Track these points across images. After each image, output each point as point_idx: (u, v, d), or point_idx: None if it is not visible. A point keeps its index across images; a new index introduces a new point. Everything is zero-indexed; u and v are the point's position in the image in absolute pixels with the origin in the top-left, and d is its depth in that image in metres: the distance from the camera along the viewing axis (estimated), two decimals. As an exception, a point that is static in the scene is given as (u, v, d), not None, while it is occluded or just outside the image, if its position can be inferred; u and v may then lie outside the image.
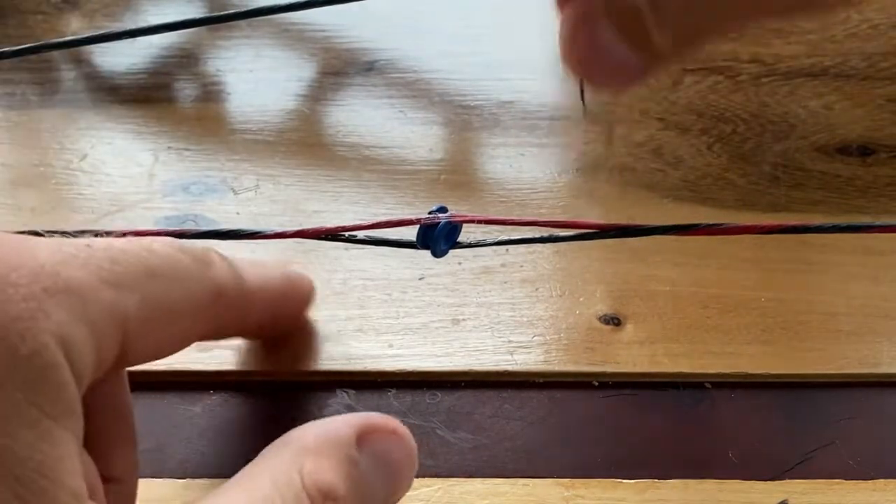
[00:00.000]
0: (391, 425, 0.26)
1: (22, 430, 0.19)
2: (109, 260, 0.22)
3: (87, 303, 0.21)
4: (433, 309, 0.36)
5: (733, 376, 0.35)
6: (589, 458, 0.33)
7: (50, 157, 0.42)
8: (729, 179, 0.42)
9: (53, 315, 0.20)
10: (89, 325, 0.21)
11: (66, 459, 0.20)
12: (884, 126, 0.44)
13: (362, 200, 0.41)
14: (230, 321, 0.29)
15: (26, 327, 0.19)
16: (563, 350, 0.35)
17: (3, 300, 0.19)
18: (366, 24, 0.49)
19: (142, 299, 0.23)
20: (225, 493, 0.23)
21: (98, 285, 0.22)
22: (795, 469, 0.33)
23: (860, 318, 0.37)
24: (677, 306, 0.37)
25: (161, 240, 0.25)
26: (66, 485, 0.20)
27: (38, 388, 0.19)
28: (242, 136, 0.44)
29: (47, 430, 0.20)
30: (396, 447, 0.26)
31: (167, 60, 0.47)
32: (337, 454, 0.24)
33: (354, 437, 0.25)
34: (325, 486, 0.23)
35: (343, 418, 0.26)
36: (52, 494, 0.19)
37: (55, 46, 0.38)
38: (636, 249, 0.39)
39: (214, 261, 0.27)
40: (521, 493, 0.32)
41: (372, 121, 0.44)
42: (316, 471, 0.23)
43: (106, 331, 0.22)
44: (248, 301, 0.28)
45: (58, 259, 0.21)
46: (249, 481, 0.23)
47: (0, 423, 0.19)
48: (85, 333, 0.21)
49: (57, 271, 0.21)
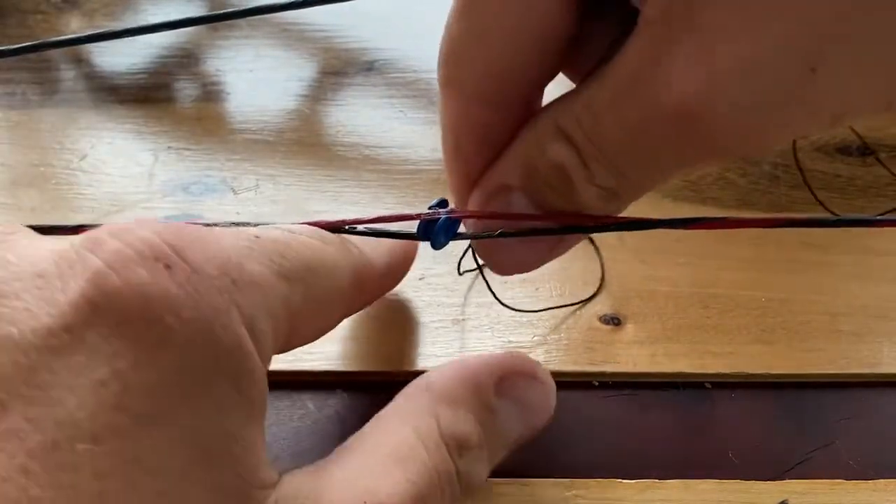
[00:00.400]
0: (530, 369, 0.28)
1: (233, 417, 0.20)
2: (279, 254, 0.23)
3: (267, 296, 0.21)
4: (433, 309, 0.36)
5: (733, 376, 0.35)
6: (589, 458, 0.33)
7: (50, 156, 0.42)
8: (729, 179, 0.42)
9: (245, 307, 0.21)
10: (272, 317, 0.22)
11: (263, 443, 0.21)
12: (884, 126, 0.44)
13: (362, 200, 0.41)
14: (359, 304, 0.29)
15: (227, 319, 0.20)
16: (563, 350, 0.35)
17: (202, 291, 0.20)
18: (366, 24, 0.49)
19: (304, 292, 0.23)
20: (369, 437, 0.24)
21: (274, 279, 0.22)
22: (795, 469, 0.33)
23: (860, 318, 0.37)
24: (677, 306, 0.37)
25: (306, 229, 0.25)
26: (267, 466, 0.21)
27: (241, 377, 0.20)
28: (242, 135, 0.44)
29: (252, 416, 0.20)
30: (535, 393, 0.28)
31: (167, 60, 0.47)
32: (475, 403, 0.25)
33: (493, 385, 0.26)
34: (461, 436, 0.24)
35: (484, 361, 0.27)
36: (262, 476, 0.20)
37: (55, 45, 0.38)
38: (636, 249, 0.39)
39: (351, 249, 0.27)
40: (521, 493, 0.32)
41: (372, 120, 0.44)
42: (454, 422, 0.24)
43: (281, 323, 0.22)
44: (376, 284, 0.29)
45: (239, 251, 0.21)
46: (392, 428, 0.24)
47: (216, 411, 0.20)
48: (268, 325, 0.21)
49: (241, 263, 0.21)
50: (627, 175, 0.24)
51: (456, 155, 0.27)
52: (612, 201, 0.25)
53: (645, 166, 0.23)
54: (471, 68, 0.25)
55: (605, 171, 0.23)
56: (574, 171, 0.24)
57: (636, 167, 0.23)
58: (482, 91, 0.25)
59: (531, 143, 0.25)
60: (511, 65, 0.24)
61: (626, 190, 0.24)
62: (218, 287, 0.20)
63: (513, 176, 0.26)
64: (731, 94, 0.21)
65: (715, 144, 0.22)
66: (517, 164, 0.25)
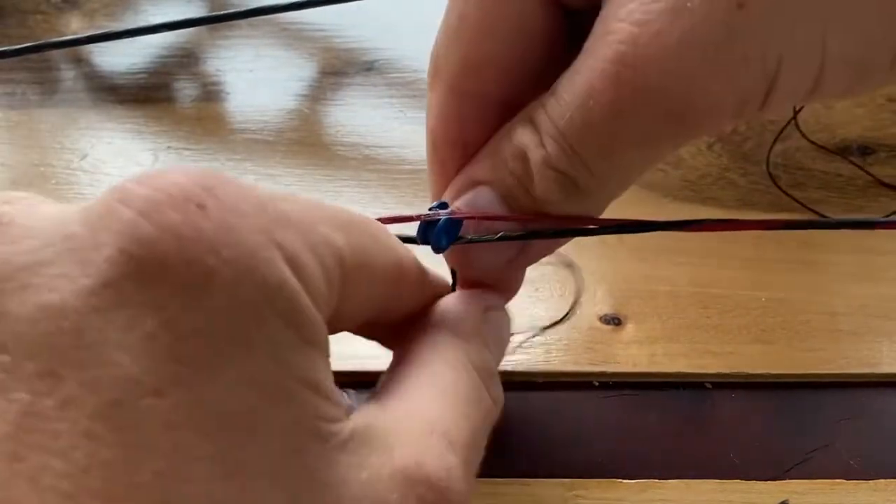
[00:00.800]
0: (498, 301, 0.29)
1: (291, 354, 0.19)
2: (314, 204, 0.22)
3: (307, 233, 0.21)
4: (433, 309, 0.36)
5: (733, 376, 0.35)
6: (589, 458, 0.33)
7: (50, 156, 0.42)
8: (729, 179, 0.42)
9: (287, 245, 0.20)
10: (316, 255, 0.21)
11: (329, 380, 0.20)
12: (884, 126, 0.44)
13: (362, 200, 0.41)
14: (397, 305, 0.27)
15: (269, 257, 0.19)
16: (563, 350, 0.35)
17: (240, 229, 0.19)
18: (366, 24, 0.49)
19: (348, 243, 0.22)
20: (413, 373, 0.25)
21: (312, 220, 0.21)
22: (796, 469, 0.33)
23: (860, 317, 0.37)
24: (678, 306, 0.37)
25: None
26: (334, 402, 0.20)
27: (292, 315, 0.19)
28: (242, 135, 0.44)
29: (310, 354, 0.20)
30: (505, 323, 0.29)
31: (167, 60, 0.47)
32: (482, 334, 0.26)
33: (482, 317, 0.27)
34: (487, 366, 0.26)
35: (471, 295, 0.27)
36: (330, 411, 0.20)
37: (55, 46, 0.38)
38: (636, 249, 0.39)
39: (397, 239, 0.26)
40: (521, 492, 0.32)
41: (372, 120, 0.44)
42: (479, 354, 0.26)
43: (328, 261, 0.21)
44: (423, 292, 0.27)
45: (272, 194, 0.21)
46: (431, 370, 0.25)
47: (272, 348, 0.19)
48: (314, 261, 0.21)
49: (276, 204, 0.20)
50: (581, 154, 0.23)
51: (434, 153, 0.27)
52: (573, 194, 0.24)
53: (596, 142, 0.23)
54: (451, 58, 0.26)
55: (560, 150, 0.24)
56: (532, 151, 0.24)
57: (588, 144, 0.23)
58: (461, 82, 0.26)
59: (501, 134, 0.25)
60: (487, 56, 0.25)
61: (584, 178, 0.24)
62: (256, 225, 0.19)
63: (482, 171, 0.26)
64: (662, 37, 0.21)
65: (651, 101, 0.22)
66: (488, 157, 0.26)
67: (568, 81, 0.23)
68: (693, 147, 0.43)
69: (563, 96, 0.23)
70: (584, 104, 0.23)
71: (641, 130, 0.23)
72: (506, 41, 0.25)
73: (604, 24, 0.22)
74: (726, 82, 0.22)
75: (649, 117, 0.22)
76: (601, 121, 0.23)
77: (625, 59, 0.22)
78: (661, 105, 0.22)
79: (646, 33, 0.21)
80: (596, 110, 0.22)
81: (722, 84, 0.22)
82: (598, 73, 0.22)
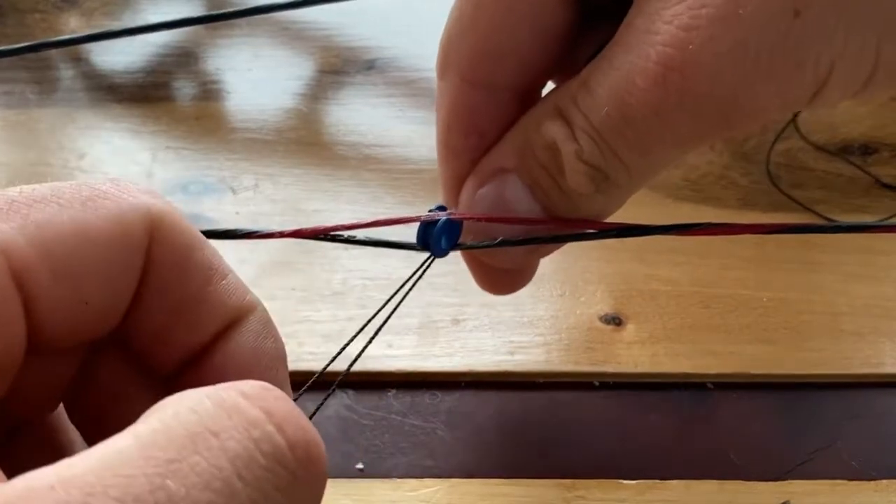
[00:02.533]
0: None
1: None
2: None
3: None
4: (433, 309, 0.36)
5: (735, 376, 0.35)
6: (590, 459, 0.33)
7: (48, 156, 0.42)
8: (731, 178, 0.42)
9: None
10: None
11: None
12: (886, 125, 0.44)
13: (362, 199, 0.41)
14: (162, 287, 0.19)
15: None
16: (563, 350, 0.35)
17: None
18: (366, 23, 0.49)
19: (24, 227, 0.16)
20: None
21: None
22: (797, 470, 0.32)
23: (862, 317, 0.37)
24: (679, 306, 0.37)
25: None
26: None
27: None
28: (241, 135, 0.43)
29: None
30: None
31: (166, 59, 0.47)
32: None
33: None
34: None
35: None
36: None
37: (53, 45, 0.37)
38: (637, 249, 0.39)
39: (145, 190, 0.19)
40: (521, 492, 0.31)
41: (372, 120, 0.44)
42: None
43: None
44: (206, 270, 0.19)
45: None
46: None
47: None
48: None
49: None
50: (616, 150, 0.23)
51: (446, 143, 0.27)
52: (603, 187, 0.24)
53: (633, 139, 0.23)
54: (465, 49, 0.25)
55: (594, 145, 0.23)
56: (564, 144, 0.24)
57: (625, 140, 0.23)
58: (474, 71, 0.25)
59: (528, 123, 0.25)
60: (503, 45, 0.25)
61: (616, 172, 0.24)
62: None
63: (509, 158, 0.25)
64: (714, 43, 0.21)
65: (698, 104, 0.22)
66: (513, 146, 0.25)
67: (602, 75, 0.23)
68: (694, 146, 0.43)
69: (597, 91, 0.23)
70: (622, 101, 0.22)
71: (683, 131, 0.23)
72: (522, 30, 0.24)
73: (644, 19, 0.22)
74: (776, 87, 0.22)
75: (693, 119, 0.22)
76: (641, 119, 0.22)
77: (671, 63, 0.21)
78: (706, 108, 0.22)
79: (695, 39, 0.21)
80: (636, 109, 0.22)
81: (771, 89, 0.22)
82: (639, 72, 0.22)
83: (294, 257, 0.38)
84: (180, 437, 0.15)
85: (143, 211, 0.18)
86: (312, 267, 0.37)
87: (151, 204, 0.18)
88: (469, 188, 0.26)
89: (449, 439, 0.33)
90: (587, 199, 0.25)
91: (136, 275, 0.18)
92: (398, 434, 0.33)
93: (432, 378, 0.35)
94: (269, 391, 0.16)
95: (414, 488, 0.31)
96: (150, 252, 0.18)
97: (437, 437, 0.33)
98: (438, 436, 0.33)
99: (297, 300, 0.37)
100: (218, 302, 0.19)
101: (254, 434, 0.15)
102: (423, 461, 0.32)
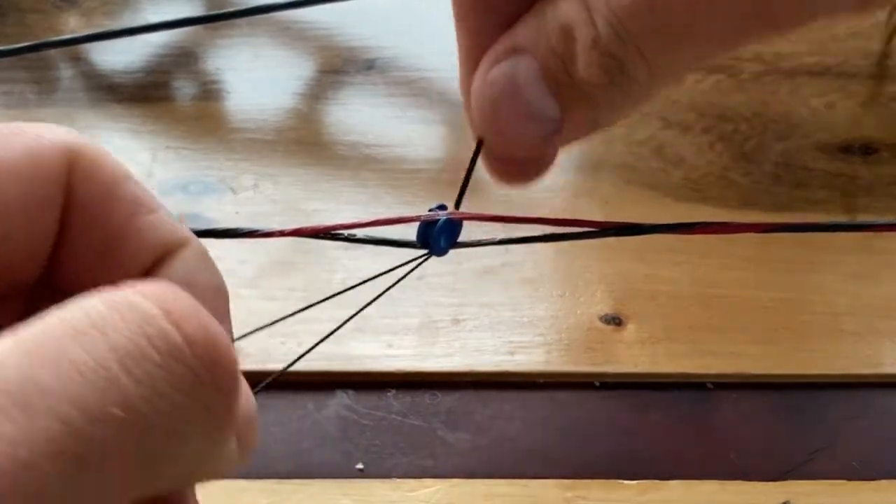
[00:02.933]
0: None
1: None
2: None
3: None
4: (433, 309, 0.36)
5: (735, 377, 0.35)
6: (590, 459, 0.33)
7: (48, 156, 0.42)
8: (731, 178, 0.42)
9: None
10: None
11: None
12: (886, 125, 0.44)
13: (362, 199, 0.41)
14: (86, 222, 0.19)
15: None
16: (563, 350, 0.35)
17: None
18: (366, 23, 0.49)
19: None
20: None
21: None
22: (797, 470, 0.32)
23: (863, 317, 0.37)
24: (679, 306, 0.37)
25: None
26: None
27: None
28: (241, 135, 0.43)
29: None
30: None
31: (165, 59, 0.47)
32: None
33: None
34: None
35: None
36: None
37: (53, 45, 0.38)
38: (637, 249, 0.39)
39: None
40: (521, 493, 0.31)
41: (372, 119, 0.44)
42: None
43: None
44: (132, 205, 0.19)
45: None
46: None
47: None
48: None
49: None
50: (638, 42, 0.22)
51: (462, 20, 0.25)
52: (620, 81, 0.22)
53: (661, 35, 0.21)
54: None
55: (612, 30, 0.22)
56: (579, 28, 0.22)
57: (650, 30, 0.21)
58: None
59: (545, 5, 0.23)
60: None
61: (635, 66, 0.22)
62: None
63: (525, 38, 0.24)
64: None
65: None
66: (528, 28, 0.24)
67: None
68: (694, 146, 0.43)
69: None
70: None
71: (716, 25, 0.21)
72: None
73: None
74: None
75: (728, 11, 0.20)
76: (669, 8, 0.20)
77: None
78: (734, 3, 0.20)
79: None
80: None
81: None
82: None
83: (294, 257, 0.38)
84: (64, 336, 0.14)
85: (60, 145, 0.18)
86: (312, 267, 0.37)
87: (69, 139, 0.18)
88: (482, 69, 0.25)
89: (449, 439, 0.33)
90: (599, 91, 0.23)
91: (57, 209, 0.18)
92: (398, 434, 0.33)
93: (432, 378, 0.35)
94: (170, 289, 0.16)
95: (414, 488, 0.31)
96: (70, 187, 0.18)
97: (437, 437, 0.33)
98: (438, 436, 0.33)
99: (297, 300, 0.37)
100: (145, 236, 0.19)
101: (147, 331, 0.15)
102: (422, 461, 0.32)
